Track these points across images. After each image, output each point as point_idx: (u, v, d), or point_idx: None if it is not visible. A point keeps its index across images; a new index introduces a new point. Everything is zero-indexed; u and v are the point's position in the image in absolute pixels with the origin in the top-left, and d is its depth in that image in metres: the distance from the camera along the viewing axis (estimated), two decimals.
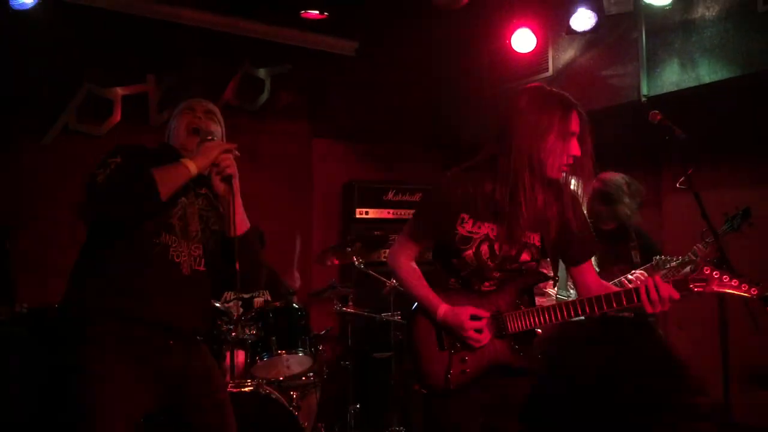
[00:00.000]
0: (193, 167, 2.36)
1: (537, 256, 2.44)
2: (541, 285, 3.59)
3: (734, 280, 2.22)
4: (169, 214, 2.38)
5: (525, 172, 2.30)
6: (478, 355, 2.39)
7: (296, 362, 4.00)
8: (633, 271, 3.47)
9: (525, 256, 2.41)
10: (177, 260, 2.37)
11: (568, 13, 4.67)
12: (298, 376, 4.04)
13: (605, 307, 2.30)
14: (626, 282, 3.46)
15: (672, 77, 4.38)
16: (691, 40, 4.29)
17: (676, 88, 4.36)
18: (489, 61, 5.53)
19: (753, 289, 2.21)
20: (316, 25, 5.61)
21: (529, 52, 5.12)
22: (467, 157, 2.46)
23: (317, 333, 4.10)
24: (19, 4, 4.32)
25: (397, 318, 4.62)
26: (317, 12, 5.38)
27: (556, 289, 3.61)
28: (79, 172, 5.25)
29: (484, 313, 2.39)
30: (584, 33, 4.71)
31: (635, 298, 2.25)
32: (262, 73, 5.84)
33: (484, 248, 2.39)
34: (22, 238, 4.68)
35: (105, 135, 5.22)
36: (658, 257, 3.56)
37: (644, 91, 4.49)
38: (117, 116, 5.24)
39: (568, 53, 5.03)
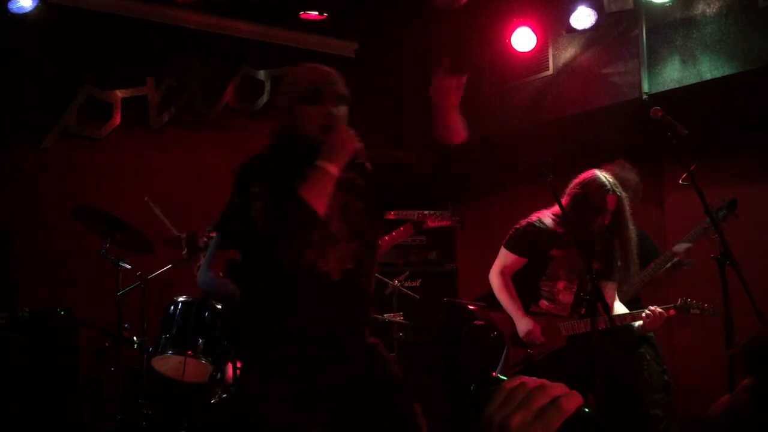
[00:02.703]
0: (334, 169, 2.25)
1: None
2: (555, 292, 3.53)
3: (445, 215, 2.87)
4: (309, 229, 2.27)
5: None
6: None
7: None
8: (651, 307, 3.43)
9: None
10: (325, 269, 2.27)
11: (568, 12, 4.66)
12: None
13: None
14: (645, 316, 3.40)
15: (673, 74, 4.36)
16: (691, 37, 4.28)
17: (677, 85, 4.34)
18: (489, 61, 5.52)
19: (456, 218, 2.76)
20: (316, 26, 5.60)
21: (529, 51, 5.10)
22: (467, 157, 2.47)
23: None
24: (18, 8, 4.31)
25: (400, 318, 4.61)
26: (316, 13, 5.38)
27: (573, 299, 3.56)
28: (79, 175, 5.28)
29: None
30: (584, 31, 4.69)
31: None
32: (261, 74, 5.84)
33: None
34: (22, 241, 4.67)
35: (105, 138, 5.22)
36: (681, 300, 3.50)
37: (645, 88, 4.48)
38: (117, 119, 5.24)
39: (568, 51, 5.01)
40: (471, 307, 3.92)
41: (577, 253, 3.30)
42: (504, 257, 3.63)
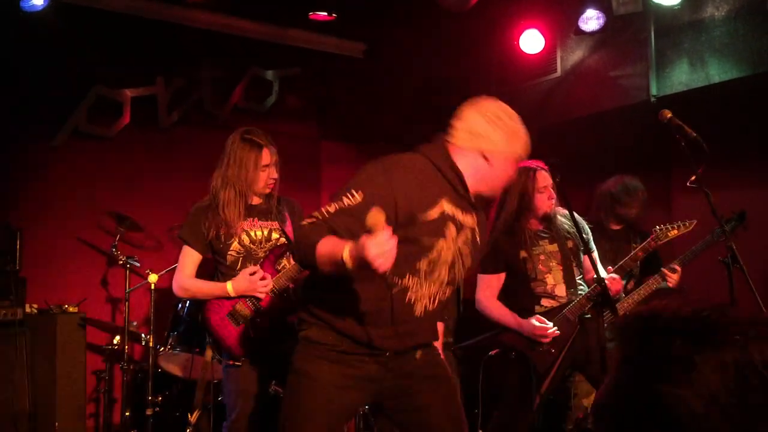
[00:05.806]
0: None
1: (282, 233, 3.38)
2: (549, 289, 3.55)
3: None
4: (419, 258, 2.32)
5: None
6: (265, 314, 3.25)
7: None
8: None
9: (273, 235, 3.36)
10: (412, 302, 2.35)
11: (577, 14, 4.66)
12: None
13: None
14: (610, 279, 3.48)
15: (681, 77, 4.36)
16: (700, 40, 4.28)
17: (685, 88, 4.34)
18: (497, 63, 5.52)
19: None
20: (324, 26, 5.62)
21: (537, 53, 5.11)
22: None
23: None
24: (30, 6, 4.34)
25: None
26: (325, 13, 5.38)
27: (565, 288, 3.59)
28: (89, 173, 5.31)
29: (256, 268, 3.24)
30: (593, 33, 4.70)
31: None
32: (270, 75, 5.86)
33: (243, 237, 3.29)
34: (31, 238, 4.70)
35: (115, 137, 5.25)
36: (658, 228, 3.63)
37: (653, 91, 4.48)
38: (126, 118, 5.27)
39: (576, 54, 5.01)
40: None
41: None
42: (482, 281, 3.66)
